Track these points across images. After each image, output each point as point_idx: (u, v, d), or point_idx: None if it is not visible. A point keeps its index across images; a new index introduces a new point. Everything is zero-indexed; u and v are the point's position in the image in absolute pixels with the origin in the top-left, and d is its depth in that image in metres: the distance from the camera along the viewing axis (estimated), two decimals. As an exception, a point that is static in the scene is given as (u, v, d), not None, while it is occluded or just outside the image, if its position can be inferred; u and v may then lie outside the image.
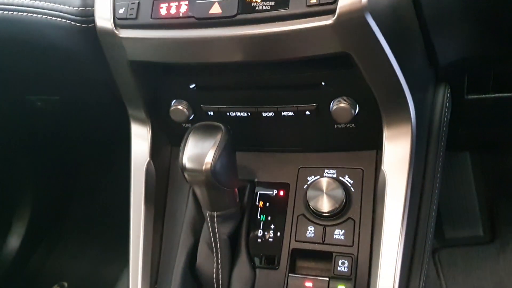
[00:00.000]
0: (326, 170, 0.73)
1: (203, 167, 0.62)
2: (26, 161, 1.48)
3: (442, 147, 0.77)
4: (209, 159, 0.62)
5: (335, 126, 0.70)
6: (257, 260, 0.71)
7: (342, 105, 0.67)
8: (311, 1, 0.57)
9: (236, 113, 0.73)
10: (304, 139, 0.75)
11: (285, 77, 0.68)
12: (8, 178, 1.51)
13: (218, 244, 0.70)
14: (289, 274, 0.69)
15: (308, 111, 0.70)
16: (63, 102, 0.97)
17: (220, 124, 0.65)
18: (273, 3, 0.58)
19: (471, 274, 1.35)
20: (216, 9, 0.61)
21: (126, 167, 0.80)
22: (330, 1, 0.56)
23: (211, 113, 0.74)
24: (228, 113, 0.73)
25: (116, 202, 0.83)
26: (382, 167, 0.66)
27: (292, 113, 0.71)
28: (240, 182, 0.73)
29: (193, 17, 0.61)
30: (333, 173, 0.73)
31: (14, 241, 1.64)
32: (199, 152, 0.63)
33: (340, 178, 0.72)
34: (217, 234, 0.69)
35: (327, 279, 0.67)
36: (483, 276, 1.35)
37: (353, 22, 0.56)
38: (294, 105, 0.70)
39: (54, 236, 1.70)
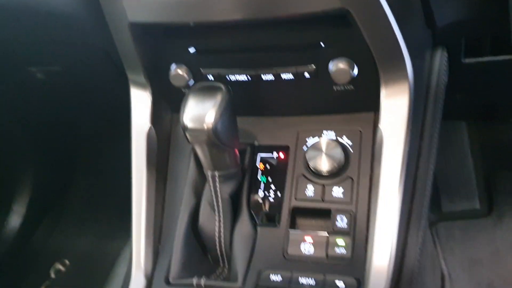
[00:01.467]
0: (325, 132, 0.75)
1: (205, 126, 0.63)
2: (27, 137, 1.49)
3: (439, 111, 0.78)
4: (210, 118, 0.63)
5: (334, 88, 0.71)
6: (258, 219, 0.73)
7: (341, 66, 0.67)
8: None
9: (236, 76, 0.74)
10: (303, 102, 0.76)
11: (285, 37, 0.68)
12: (9, 155, 1.51)
13: (220, 203, 0.71)
14: (290, 230, 0.70)
15: (307, 72, 0.70)
16: (64, 73, 0.97)
17: (220, 84, 0.66)
18: None
19: (468, 246, 1.37)
20: None
21: (129, 141, 0.80)
22: None
23: (211, 77, 0.75)
24: (228, 77, 0.74)
25: (119, 179, 0.83)
26: (379, 126, 0.68)
27: (291, 76, 0.71)
28: (241, 145, 0.74)
29: None
30: (332, 135, 0.74)
31: (15, 220, 1.64)
32: (200, 111, 0.63)
33: (339, 139, 0.73)
34: (218, 194, 0.70)
35: (326, 233, 0.68)
36: (480, 247, 1.37)
37: None
38: (293, 67, 0.71)
39: (55, 214, 1.71)
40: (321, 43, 0.68)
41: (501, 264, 1.33)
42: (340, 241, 0.67)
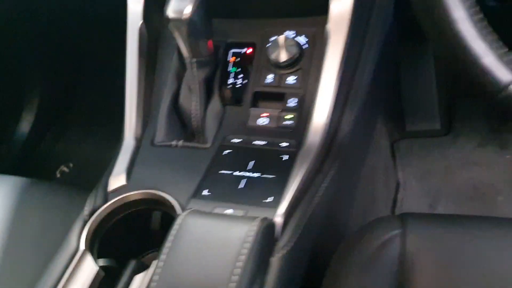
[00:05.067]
0: (286, 31, 0.90)
1: (183, 17, 0.79)
2: (32, 49, 1.63)
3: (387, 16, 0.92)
4: (188, 10, 0.79)
5: None
6: (227, 99, 0.90)
7: None
8: None
9: None
10: (268, 6, 0.92)
11: None
12: (19, 68, 1.67)
13: (196, 86, 0.88)
14: (251, 108, 0.87)
15: None
16: None
17: None
18: None
19: (424, 159, 1.55)
20: None
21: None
22: None
23: None
24: None
25: (121, 91, 0.94)
26: (326, 26, 0.83)
27: None
28: (216, 42, 0.91)
29: None
30: (291, 34, 0.90)
31: (25, 126, 1.81)
32: (180, 6, 0.79)
33: (297, 37, 0.89)
34: (195, 78, 0.87)
35: (280, 110, 0.86)
36: (434, 161, 1.54)
37: None
38: None
39: (62, 123, 1.88)
40: None
41: (450, 176, 1.51)
42: (289, 116, 0.85)
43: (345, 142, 0.84)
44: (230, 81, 0.92)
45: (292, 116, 0.85)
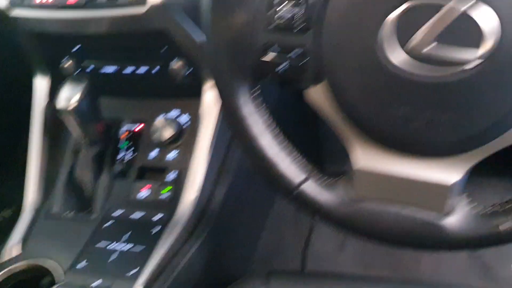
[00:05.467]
0: (172, 110, 1.03)
1: (69, 107, 0.91)
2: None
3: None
4: (74, 101, 0.91)
5: (176, 80, 0.99)
6: (116, 173, 1.02)
7: (178, 64, 0.95)
8: None
9: (108, 68, 1.02)
10: (156, 89, 1.04)
11: (140, 43, 0.96)
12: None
13: (88, 162, 1.00)
14: (136, 182, 0.99)
15: (156, 69, 0.99)
16: None
17: (84, 76, 0.95)
18: None
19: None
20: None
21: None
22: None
23: (91, 68, 1.03)
24: (102, 69, 1.02)
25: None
26: (199, 109, 0.96)
27: (144, 70, 1.00)
28: (108, 121, 1.03)
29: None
30: (175, 113, 1.03)
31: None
32: (67, 96, 0.92)
33: (179, 116, 1.02)
34: (87, 154, 0.99)
35: (159, 183, 0.98)
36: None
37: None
38: (146, 64, 0.99)
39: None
40: (164, 49, 0.96)
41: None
42: (167, 189, 0.97)
43: (217, 211, 0.97)
44: (120, 156, 1.04)
45: (169, 189, 0.97)
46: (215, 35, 0.60)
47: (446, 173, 0.58)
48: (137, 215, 0.94)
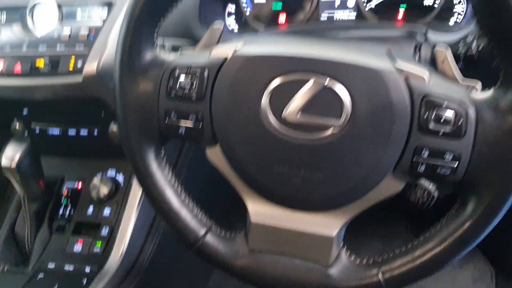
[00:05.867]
0: (109, 169, 1.11)
1: (12, 166, 0.99)
2: None
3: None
4: (16, 159, 0.99)
5: (113, 142, 1.08)
6: (54, 228, 1.09)
7: (113, 129, 1.05)
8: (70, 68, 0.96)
9: (54, 130, 1.11)
10: (96, 150, 1.13)
11: (80, 109, 1.05)
12: None
13: (28, 217, 1.07)
14: (71, 236, 1.06)
15: (94, 132, 1.08)
16: None
17: (26, 137, 1.03)
18: (49, 67, 0.97)
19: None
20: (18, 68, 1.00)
21: None
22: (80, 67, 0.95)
23: (38, 130, 1.12)
24: (48, 131, 1.11)
25: None
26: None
27: (86, 133, 1.09)
28: (51, 178, 1.11)
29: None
30: (112, 172, 1.11)
31: None
32: (10, 155, 1.00)
33: (115, 175, 1.10)
34: (27, 210, 1.06)
35: (92, 238, 1.04)
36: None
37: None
38: (86, 127, 1.09)
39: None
40: (103, 113, 1.06)
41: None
42: (99, 243, 1.04)
43: (146, 266, 1.03)
44: (60, 211, 1.11)
45: (100, 243, 1.03)
46: (123, 102, 0.68)
47: (327, 226, 0.65)
48: (69, 267, 1.00)
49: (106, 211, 1.07)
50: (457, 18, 0.94)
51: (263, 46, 0.62)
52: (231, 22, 1.06)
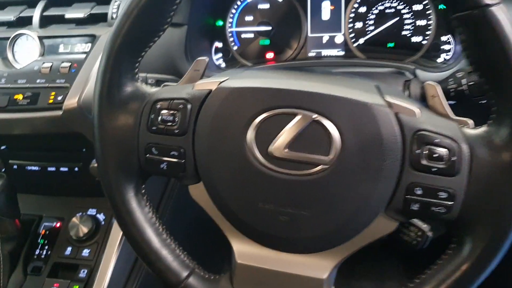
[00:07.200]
0: (89, 209, 1.07)
1: None
2: None
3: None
4: (-9, 197, 0.95)
5: (95, 179, 1.04)
6: (29, 269, 1.03)
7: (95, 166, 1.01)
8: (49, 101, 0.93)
9: (32, 167, 1.07)
10: (76, 188, 1.09)
11: (63, 145, 1.02)
12: None
13: (1, 258, 1.01)
14: (46, 278, 1.00)
15: (75, 168, 1.04)
16: None
17: (2, 173, 0.99)
18: (28, 101, 0.94)
19: None
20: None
21: None
22: (60, 101, 0.92)
23: (15, 166, 1.08)
24: (26, 167, 1.07)
25: None
26: None
27: (67, 169, 1.05)
28: (28, 216, 1.06)
29: None
30: (93, 211, 1.07)
31: None
32: None
33: (95, 215, 1.06)
34: (1, 250, 1.01)
35: (69, 281, 0.99)
36: None
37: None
38: (67, 164, 1.05)
39: None
40: (84, 150, 1.02)
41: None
42: (76, 287, 0.98)
43: None
44: (37, 252, 1.05)
45: (78, 286, 0.98)
46: (101, 135, 0.65)
47: (318, 268, 0.62)
48: None
49: (85, 252, 1.02)
50: (445, 56, 0.94)
51: (250, 79, 0.60)
52: (218, 58, 1.05)
